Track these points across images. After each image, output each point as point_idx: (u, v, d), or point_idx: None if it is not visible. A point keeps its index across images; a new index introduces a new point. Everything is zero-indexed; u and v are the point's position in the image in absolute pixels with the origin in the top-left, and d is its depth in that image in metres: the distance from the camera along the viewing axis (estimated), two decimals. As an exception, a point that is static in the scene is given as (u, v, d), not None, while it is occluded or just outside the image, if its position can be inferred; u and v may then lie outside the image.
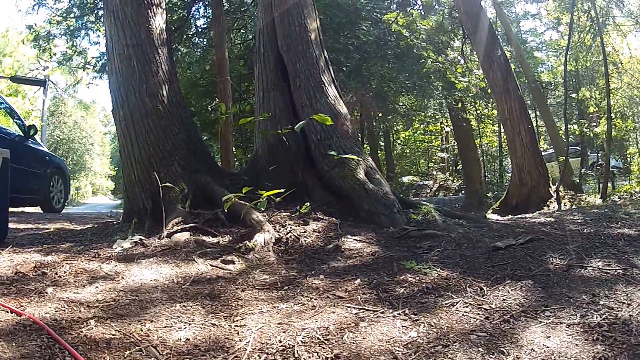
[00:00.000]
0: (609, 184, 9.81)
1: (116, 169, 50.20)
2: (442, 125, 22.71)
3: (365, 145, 19.17)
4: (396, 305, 2.34)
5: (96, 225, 4.73)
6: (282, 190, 3.57)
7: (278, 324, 2.13)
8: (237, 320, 2.18)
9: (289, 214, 4.11)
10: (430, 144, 26.78)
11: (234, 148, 11.86)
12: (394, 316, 2.21)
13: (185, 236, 3.53)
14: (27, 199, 8.18)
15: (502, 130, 14.26)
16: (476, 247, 3.39)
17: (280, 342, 1.95)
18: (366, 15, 13.58)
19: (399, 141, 26.41)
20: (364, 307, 2.33)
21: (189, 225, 3.70)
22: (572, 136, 12.82)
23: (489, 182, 19.76)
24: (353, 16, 13.08)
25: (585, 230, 3.77)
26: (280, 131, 4.62)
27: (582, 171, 13.36)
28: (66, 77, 28.71)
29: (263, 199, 3.48)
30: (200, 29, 15.60)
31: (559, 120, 20.59)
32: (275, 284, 2.72)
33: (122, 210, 5.36)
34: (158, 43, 4.57)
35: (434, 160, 27.18)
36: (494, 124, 21.12)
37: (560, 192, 7.97)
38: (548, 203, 7.62)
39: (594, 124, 11.56)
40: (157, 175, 4.05)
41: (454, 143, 21.72)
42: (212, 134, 14.50)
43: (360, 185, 4.32)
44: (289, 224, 3.84)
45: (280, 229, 3.75)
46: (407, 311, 2.26)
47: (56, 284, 2.53)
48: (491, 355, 1.80)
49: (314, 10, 5.59)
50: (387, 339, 1.98)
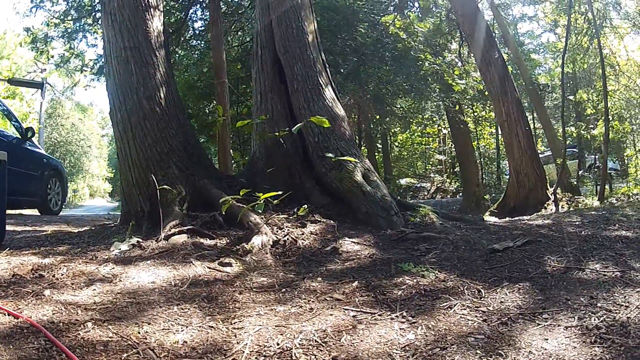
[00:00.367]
0: (607, 186, 9.82)
1: (114, 171, 50.10)
2: (440, 128, 22.76)
3: (363, 147, 19.20)
4: (394, 307, 2.34)
5: (94, 228, 4.72)
6: (280, 192, 3.56)
7: (275, 326, 2.13)
8: (234, 323, 2.17)
9: (286, 216, 4.11)
10: (428, 146, 26.78)
11: (231, 150, 11.86)
12: (391, 319, 2.21)
13: (182, 238, 3.53)
14: (24, 201, 8.16)
15: (500, 132, 14.27)
16: (474, 250, 3.39)
17: (278, 344, 1.95)
18: (363, 17, 13.59)
19: (397, 143, 26.38)
20: (362, 309, 2.33)
21: (186, 228, 3.69)
22: (569, 138, 12.85)
23: (486, 184, 19.80)
24: (350, 18, 13.09)
25: (583, 233, 3.78)
26: (277, 133, 4.62)
27: (580, 173, 13.40)
28: (64, 79, 28.73)
29: (260, 201, 3.48)
30: (197, 32, 15.60)
31: (557, 123, 20.63)
32: (272, 286, 2.72)
33: (120, 213, 5.35)
34: (155, 45, 4.58)
35: (431, 163, 27.19)
36: (491, 126, 21.22)
37: (557, 194, 7.99)
38: (545, 205, 7.64)
39: (592, 126, 11.59)
40: (154, 178, 4.05)
41: (452, 145, 21.72)
42: (210, 137, 14.47)
43: (358, 187, 4.32)
44: (287, 227, 3.84)
45: (277, 231, 3.75)
46: (404, 314, 2.26)
47: (53, 286, 2.53)
48: (489, 358, 1.80)
49: (312, 12, 5.59)
50: (384, 341, 1.98)
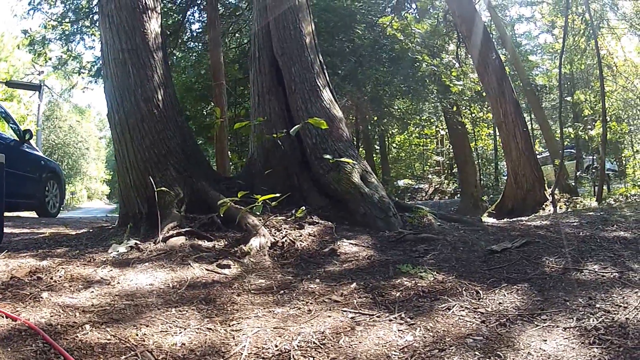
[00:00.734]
0: (605, 187, 9.84)
1: (111, 173, 49.98)
2: (437, 129, 22.75)
3: (361, 148, 19.19)
4: (392, 309, 2.34)
5: (91, 230, 4.71)
6: (278, 194, 3.56)
7: (274, 328, 2.13)
8: (232, 325, 2.17)
9: (284, 218, 4.10)
10: (426, 147, 26.82)
11: (229, 152, 11.87)
12: (390, 320, 2.21)
13: (180, 240, 3.53)
14: (22, 203, 8.15)
15: (497, 133, 14.31)
16: (472, 251, 3.39)
17: (276, 346, 1.94)
18: (361, 18, 13.61)
19: (394, 145, 26.42)
20: (360, 311, 2.33)
21: (184, 230, 3.69)
22: (567, 139, 12.85)
23: (484, 185, 19.84)
24: (348, 20, 13.11)
25: (581, 233, 3.78)
26: (275, 135, 4.63)
27: (578, 174, 13.39)
28: (61, 81, 28.59)
29: (258, 203, 3.49)
30: (195, 33, 15.62)
31: (554, 123, 20.69)
32: (270, 288, 2.72)
33: (118, 215, 5.34)
34: (153, 47, 4.57)
35: (429, 164, 27.18)
36: (489, 127, 21.21)
37: (555, 195, 7.99)
38: (544, 206, 7.64)
39: (589, 126, 11.58)
40: (152, 180, 4.04)
41: (449, 146, 21.76)
42: (208, 138, 14.48)
43: (356, 189, 4.32)
44: (285, 228, 3.84)
45: (275, 233, 3.75)
46: (403, 315, 2.25)
47: (51, 288, 2.52)
48: (488, 359, 1.80)
49: (309, 14, 5.59)
50: (383, 343, 1.98)
